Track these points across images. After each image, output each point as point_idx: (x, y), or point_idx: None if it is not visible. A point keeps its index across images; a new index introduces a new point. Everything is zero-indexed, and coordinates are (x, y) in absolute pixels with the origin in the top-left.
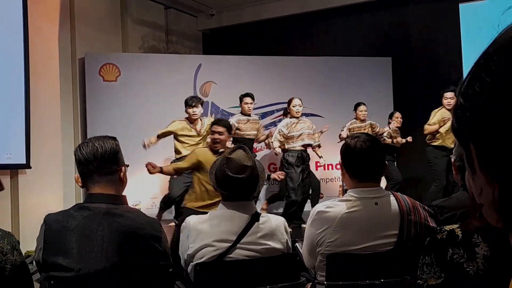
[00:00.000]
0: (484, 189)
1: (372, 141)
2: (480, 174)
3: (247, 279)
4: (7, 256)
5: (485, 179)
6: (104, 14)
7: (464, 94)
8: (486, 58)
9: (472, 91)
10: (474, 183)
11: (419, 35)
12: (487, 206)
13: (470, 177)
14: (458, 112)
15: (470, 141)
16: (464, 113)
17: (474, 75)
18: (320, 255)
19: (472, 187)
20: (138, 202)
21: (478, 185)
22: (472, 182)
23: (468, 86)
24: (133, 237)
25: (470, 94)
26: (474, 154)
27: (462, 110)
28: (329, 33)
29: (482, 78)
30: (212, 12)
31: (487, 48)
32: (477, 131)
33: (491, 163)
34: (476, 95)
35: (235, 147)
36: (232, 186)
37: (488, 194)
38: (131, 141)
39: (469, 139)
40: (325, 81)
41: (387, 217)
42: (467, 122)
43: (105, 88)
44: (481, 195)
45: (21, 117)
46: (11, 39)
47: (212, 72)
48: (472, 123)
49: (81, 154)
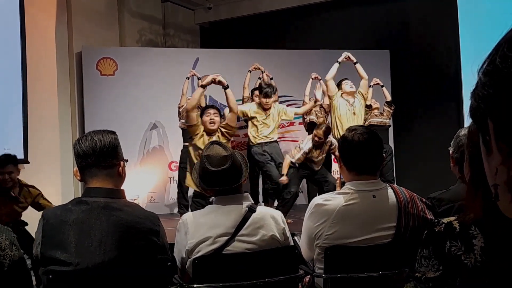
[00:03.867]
0: (499, 168)
1: (369, 133)
2: (497, 153)
3: (246, 272)
4: (5, 251)
5: (501, 158)
6: (101, 8)
7: (486, 71)
8: (509, 37)
9: (494, 66)
10: (489, 164)
11: (417, 28)
12: (501, 186)
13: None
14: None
15: (489, 117)
16: (484, 89)
17: (496, 52)
18: (318, 248)
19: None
20: (136, 197)
21: (494, 164)
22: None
23: (490, 63)
24: (131, 231)
25: (492, 69)
26: (492, 130)
27: (482, 86)
28: (327, 26)
29: (505, 53)
30: (209, 5)
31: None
32: (497, 105)
33: (510, 137)
34: (498, 70)
35: (208, 144)
36: (219, 180)
37: (503, 173)
38: (129, 135)
39: (489, 114)
40: (323, 74)
41: (385, 210)
42: (488, 97)
43: (102, 82)
44: (496, 175)
45: (18, 111)
46: (8, 33)
47: (209, 65)
48: (493, 98)
49: (80, 148)
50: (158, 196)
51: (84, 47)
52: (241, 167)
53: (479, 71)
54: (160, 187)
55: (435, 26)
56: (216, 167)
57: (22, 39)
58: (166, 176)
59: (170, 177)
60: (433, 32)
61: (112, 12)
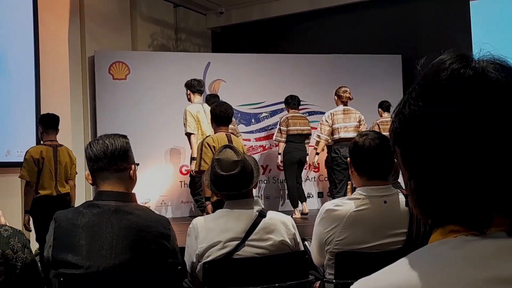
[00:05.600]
0: (408, 183)
1: (381, 138)
2: (405, 172)
3: (256, 277)
4: (18, 254)
5: (407, 175)
6: (114, 12)
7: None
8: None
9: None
10: (403, 178)
11: (429, 32)
12: (410, 196)
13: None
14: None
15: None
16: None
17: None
18: (329, 254)
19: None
20: (147, 200)
21: (405, 180)
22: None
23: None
24: (142, 235)
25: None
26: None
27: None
28: (338, 30)
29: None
30: (221, 10)
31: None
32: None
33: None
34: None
35: (221, 148)
36: (228, 184)
37: (409, 187)
38: (140, 139)
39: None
40: (335, 79)
41: (396, 216)
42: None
43: (114, 86)
44: (407, 188)
45: (31, 115)
46: (21, 37)
47: (221, 70)
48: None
49: (91, 152)
50: (169, 200)
51: (96, 51)
52: (252, 172)
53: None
54: (171, 191)
55: (448, 30)
56: (225, 171)
57: (35, 43)
58: (177, 180)
59: (181, 180)
60: (445, 37)
61: (124, 17)
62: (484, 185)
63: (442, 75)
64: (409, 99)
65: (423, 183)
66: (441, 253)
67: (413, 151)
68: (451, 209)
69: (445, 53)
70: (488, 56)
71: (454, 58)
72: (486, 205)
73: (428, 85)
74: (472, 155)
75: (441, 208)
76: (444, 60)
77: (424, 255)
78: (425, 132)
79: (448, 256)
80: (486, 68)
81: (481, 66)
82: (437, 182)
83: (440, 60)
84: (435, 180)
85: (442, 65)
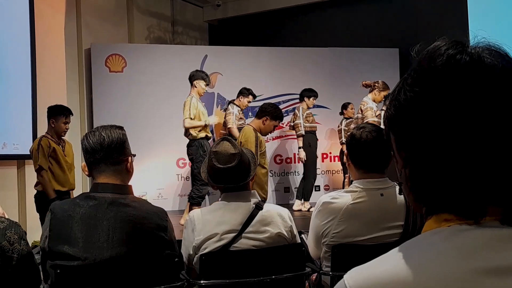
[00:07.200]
0: (402, 171)
1: (377, 131)
2: (399, 159)
3: (253, 269)
4: (14, 246)
5: (402, 163)
6: (110, 5)
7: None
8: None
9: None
10: (397, 166)
11: (427, 26)
12: (404, 184)
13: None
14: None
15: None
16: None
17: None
18: (326, 246)
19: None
20: (144, 194)
21: (399, 168)
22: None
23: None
24: (139, 227)
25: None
26: (394, 142)
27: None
28: (336, 23)
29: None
30: (218, 2)
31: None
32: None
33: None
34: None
35: (219, 140)
36: (225, 177)
37: (404, 175)
38: (137, 131)
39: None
40: (332, 72)
41: (393, 208)
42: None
43: (111, 78)
44: (400, 176)
45: (28, 107)
46: (17, 30)
47: (218, 63)
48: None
49: (88, 143)
50: (166, 193)
51: (93, 44)
52: (249, 165)
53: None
54: (168, 184)
55: (445, 24)
56: (222, 164)
57: (32, 36)
58: (174, 173)
59: (178, 173)
60: (442, 30)
61: (121, 9)
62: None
63: (438, 61)
64: (405, 85)
65: (418, 170)
66: (433, 243)
67: (409, 137)
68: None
69: (439, 39)
70: (484, 42)
71: (450, 44)
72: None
73: (424, 71)
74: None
75: (436, 195)
76: (440, 46)
77: (417, 245)
78: (421, 118)
79: (440, 246)
80: (481, 53)
81: (477, 52)
82: (432, 168)
83: (436, 46)
84: (430, 167)
85: (438, 51)
